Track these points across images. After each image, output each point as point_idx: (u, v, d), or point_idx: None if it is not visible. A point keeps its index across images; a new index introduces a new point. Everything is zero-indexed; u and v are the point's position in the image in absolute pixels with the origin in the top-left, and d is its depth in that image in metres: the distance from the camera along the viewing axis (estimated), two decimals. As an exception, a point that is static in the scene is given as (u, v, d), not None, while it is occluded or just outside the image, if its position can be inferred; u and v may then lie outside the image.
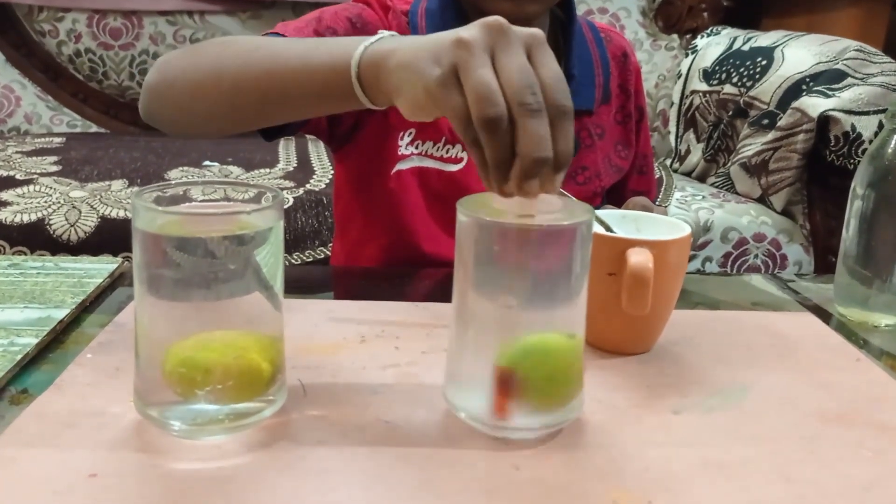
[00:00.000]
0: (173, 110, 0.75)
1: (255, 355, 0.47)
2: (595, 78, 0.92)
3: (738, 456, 0.48)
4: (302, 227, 1.42)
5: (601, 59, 0.93)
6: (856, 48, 1.60)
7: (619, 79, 0.95)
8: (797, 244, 1.64)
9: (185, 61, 0.72)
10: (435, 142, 0.87)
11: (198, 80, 0.70)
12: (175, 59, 0.73)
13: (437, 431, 0.49)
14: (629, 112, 0.96)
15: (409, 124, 0.86)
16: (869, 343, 0.67)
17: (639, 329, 0.61)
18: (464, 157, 0.87)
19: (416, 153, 0.86)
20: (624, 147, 0.96)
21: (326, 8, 0.86)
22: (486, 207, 0.50)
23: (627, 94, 0.96)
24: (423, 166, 0.86)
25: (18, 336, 0.58)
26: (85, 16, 2.01)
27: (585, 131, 0.90)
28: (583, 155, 0.90)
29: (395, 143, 0.86)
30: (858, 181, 0.70)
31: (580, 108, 0.89)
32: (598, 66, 0.93)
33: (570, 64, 0.89)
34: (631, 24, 2.19)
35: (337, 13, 0.84)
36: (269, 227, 0.47)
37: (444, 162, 0.87)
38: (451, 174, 0.87)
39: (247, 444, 0.47)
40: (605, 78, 0.93)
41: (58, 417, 0.49)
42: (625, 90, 0.96)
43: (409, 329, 0.64)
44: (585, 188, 0.91)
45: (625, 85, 0.96)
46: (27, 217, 1.33)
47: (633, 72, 0.97)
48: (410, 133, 0.86)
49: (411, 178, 0.87)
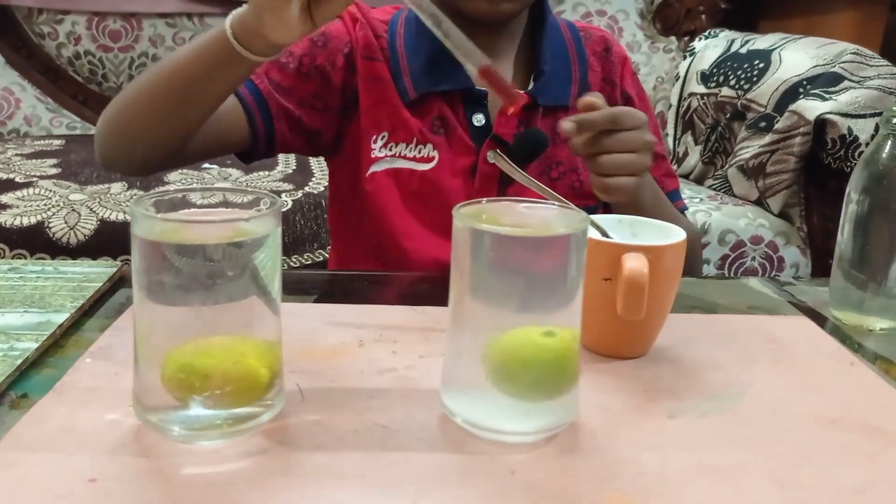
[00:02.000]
0: (117, 143, 0.82)
1: (253, 360, 0.48)
2: (571, 74, 0.93)
3: (732, 460, 0.49)
4: (300, 230, 1.42)
5: (578, 55, 0.94)
6: (853, 51, 1.60)
7: (603, 72, 0.96)
8: (794, 246, 1.64)
9: (116, 99, 0.82)
10: (407, 143, 0.90)
11: (125, 106, 0.80)
12: (111, 103, 0.82)
13: (434, 436, 0.50)
14: (616, 101, 0.96)
15: (382, 128, 0.88)
16: (863, 347, 0.68)
17: (634, 333, 0.62)
18: (435, 156, 0.89)
19: (390, 155, 0.89)
20: None
21: None
22: (482, 215, 0.50)
23: (612, 85, 0.96)
24: (396, 167, 0.89)
25: (18, 340, 0.59)
26: (84, 18, 2.02)
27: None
28: (556, 150, 0.91)
29: (368, 147, 0.89)
30: (853, 186, 0.71)
31: (553, 103, 0.91)
32: (575, 62, 0.94)
33: (542, 60, 0.91)
34: (629, 27, 2.19)
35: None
36: (268, 233, 0.47)
37: (416, 161, 0.90)
38: (424, 173, 0.89)
39: (245, 448, 0.47)
40: (583, 73, 0.94)
41: (58, 422, 0.49)
42: (609, 82, 0.96)
43: (407, 333, 0.65)
44: (561, 182, 0.92)
45: (609, 77, 0.96)
46: (27, 220, 1.33)
47: (618, 62, 0.97)
48: (383, 136, 0.89)
49: (386, 179, 0.89)
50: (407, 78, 0.89)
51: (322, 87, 0.89)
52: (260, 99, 0.85)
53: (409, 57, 0.89)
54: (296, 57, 0.88)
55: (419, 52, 0.89)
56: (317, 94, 0.88)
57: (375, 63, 0.89)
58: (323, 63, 0.88)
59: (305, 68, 0.88)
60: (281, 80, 0.87)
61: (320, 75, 0.88)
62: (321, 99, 0.89)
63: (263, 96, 0.86)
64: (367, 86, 0.89)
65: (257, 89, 0.86)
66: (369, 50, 0.89)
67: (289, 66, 0.87)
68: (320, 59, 0.88)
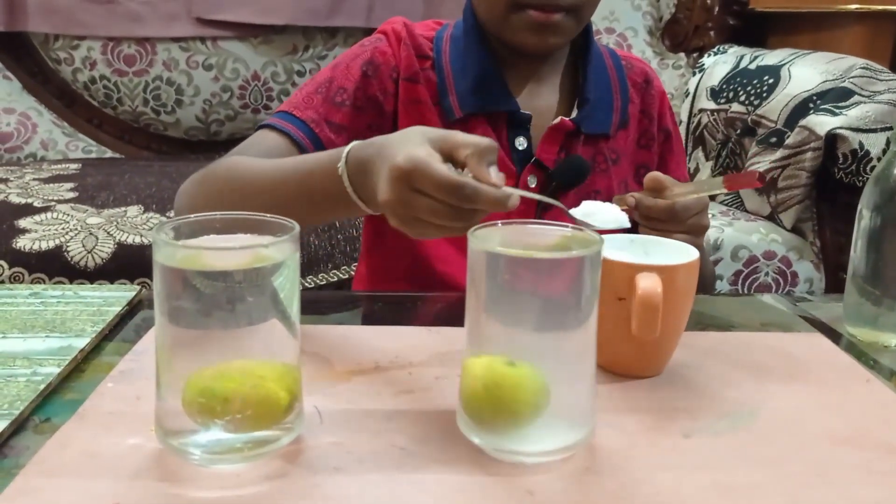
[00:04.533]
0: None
1: (272, 384, 0.48)
2: (613, 102, 0.93)
3: (748, 480, 0.49)
4: (315, 251, 1.43)
5: (620, 84, 0.94)
6: (862, 66, 1.61)
7: (641, 104, 0.96)
8: (808, 261, 1.64)
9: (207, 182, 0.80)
10: None
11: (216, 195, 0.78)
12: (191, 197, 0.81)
13: (451, 457, 0.50)
14: (652, 135, 0.96)
15: None
16: (879, 363, 0.68)
17: (649, 353, 0.62)
18: None
19: None
20: (648, 171, 0.96)
21: (342, 58, 0.89)
22: (497, 237, 0.51)
23: (650, 119, 0.96)
24: None
25: (41, 366, 0.60)
26: (99, 43, 2.05)
27: (601, 155, 0.91)
28: (596, 178, 0.91)
29: None
30: (864, 203, 0.71)
31: (595, 131, 0.91)
32: (617, 91, 0.93)
33: (586, 88, 0.91)
34: (638, 44, 2.20)
35: (349, 66, 0.88)
36: (286, 258, 0.48)
37: None
38: None
39: (265, 471, 0.48)
40: (624, 103, 0.94)
41: (81, 447, 0.50)
42: (647, 115, 0.96)
43: (423, 354, 0.65)
44: None
45: (647, 110, 0.96)
46: (45, 244, 1.35)
47: (657, 96, 0.97)
48: None
49: None
50: (453, 96, 0.88)
51: (377, 117, 0.88)
52: (320, 149, 0.83)
53: (455, 75, 0.89)
54: (350, 93, 0.86)
55: (465, 72, 0.88)
56: (371, 124, 0.88)
57: (417, 86, 0.89)
58: (374, 93, 0.88)
59: (360, 102, 0.87)
60: (339, 121, 0.86)
61: (374, 106, 0.88)
62: (376, 129, 0.88)
63: (324, 146, 0.84)
64: (406, 108, 0.89)
65: (318, 139, 0.84)
66: (411, 72, 0.89)
67: (345, 105, 0.86)
68: (372, 90, 0.88)
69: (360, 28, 2.08)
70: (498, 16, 0.85)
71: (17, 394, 0.55)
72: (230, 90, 2.09)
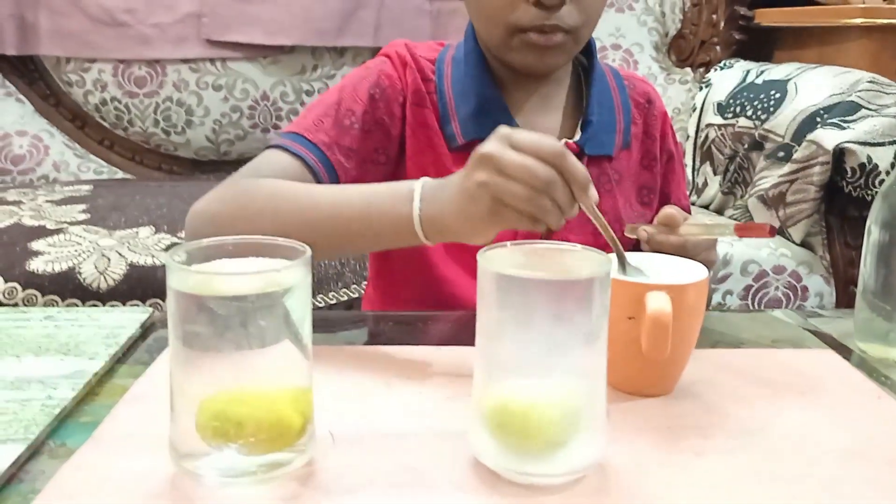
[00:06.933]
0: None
1: (285, 407, 0.49)
2: (616, 124, 0.93)
3: (760, 497, 0.49)
4: (325, 270, 1.44)
5: (623, 104, 0.94)
6: (869, 80, 1.61)
7: (644, 125, 0.96)
8: (818, 275, 1.63)
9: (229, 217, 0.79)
10: None
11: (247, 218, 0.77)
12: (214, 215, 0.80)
13: (462, 478, 0.50)
14: (655, 156, 0.96)
15: (427, 175, 0.88)
16: (890, 379, 0.67)
17: (659, 371, 0.62)
18: None
19: None
20: (650, 191, 0.96)
21: (347, 80, 0.89)
22: (507, 258, 0.51)
23: (653, 139, 0.96)
24: None
25: (55, 389, 0.60)
26: (110, 65, 2.07)
27: (605, 176, 0.91)
28: (600, 199, 0.91)
29: None
30: (873, 219, 0.71)
31: (598, 152, 0.91)
32: (620, 111, 0.93)
33: (590, 110, 0.91)
34: (644, 59, 2.21)
35: (356, 88, 0.88)
36: (299, 282, 0.48)
37: None
38: None
39: (279, 494, 0.48)
40: (627, 123, 0.94)
41: (96, 471, 0.50)
42: (650, 135, 0.96)
43: (433, 374, 0.66)
44: None
45: (650, 130, 0.96)
46: (58, 266, 1.36)
47: (659, 116, 0.97)
48: None
49: None
50: (455, 123, 0.89)
51: (383, 141, 0.88)
52: (332, 173, 0.84)
53: (456, 101, 0.89)
54: (358, 116, 0.87)
55: (467, 96, 0.89)
56: (378, 148, 0.88)
57: (424, 110, 0.89)
58: (382, 116, 0.88)
59: (368, 125, 0.87)
60: (349, 144, 0.86)
61: (381, 129, 0.88)
62: (383, 153, 0.89)
63: (335, 170, 0.85)
64: (413, 132, 0.89)
65: (329, 163, 0.84)
66: (418, 96, 0.89)
67: (354, 128, 0.86)
68: (379, 113, 0.88)
69: (367, 48, 2.10)
70: (498, 38, 0.85)
71: (33, 418, 0.56)
72: (240, 110, 2.11)
